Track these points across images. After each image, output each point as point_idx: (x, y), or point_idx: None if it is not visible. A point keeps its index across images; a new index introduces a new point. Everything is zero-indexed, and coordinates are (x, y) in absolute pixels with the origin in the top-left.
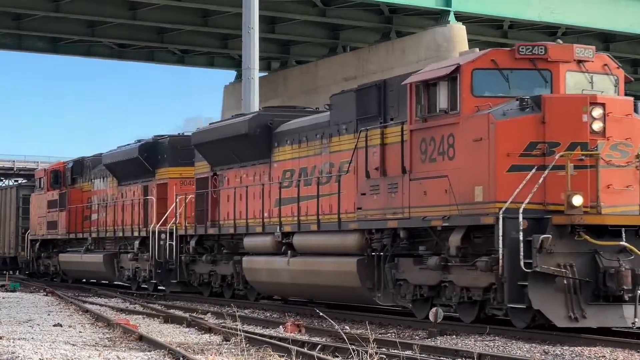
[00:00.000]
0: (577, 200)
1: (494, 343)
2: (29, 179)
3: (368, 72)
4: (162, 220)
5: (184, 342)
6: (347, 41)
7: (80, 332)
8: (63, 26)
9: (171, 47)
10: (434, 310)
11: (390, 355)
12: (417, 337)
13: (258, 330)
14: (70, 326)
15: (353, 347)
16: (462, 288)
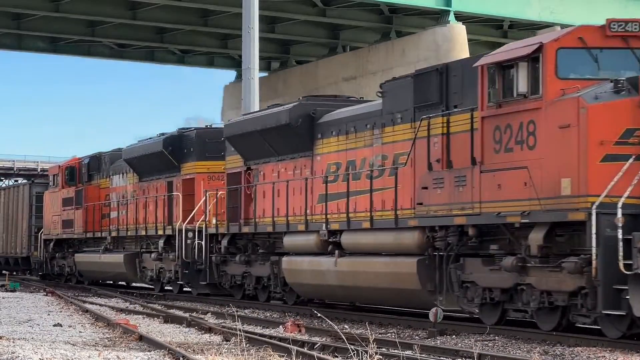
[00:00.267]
0: None
1: (494, 343)
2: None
3: (368, 72)
4: (189, 218)
5: (184, 342)
6: (347, 41)
7: (80, 332)
8: (63, 26)
9: (171, 47)
10: (434, 310)
11: (390, 355)
12: (417, 337)
13: (258, 330)
14: (70, 326)
15: (353, 347)
16: (542, 292)
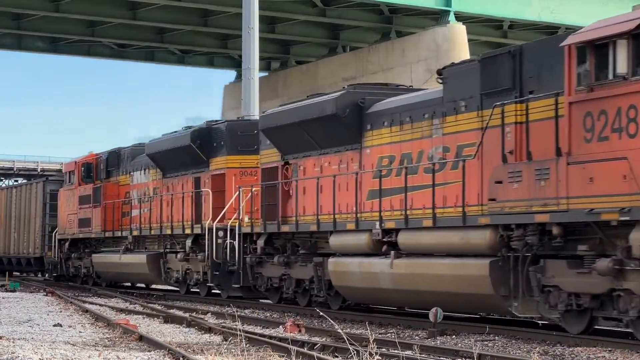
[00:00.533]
0: None
1: (494, 343)
2: (29, 179)
3: (368, 72)
4: (220, 216)
5: (184, 342)
6: (347, 41)
7: (80, 332)
8: (63, 26)
9: (171, 47)
10: (434, 310)
11: (390, 355)
12: (417, 337)
13: (258, 330)
14: (70, 326)
15: (353, 347)
16: None
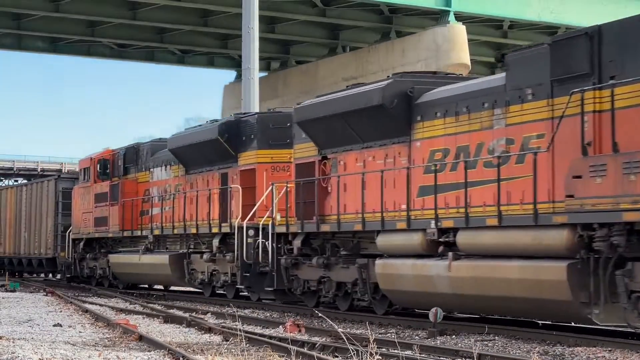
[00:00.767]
0: None
1: (494, 343)
2: (29, 179)
3: (368, 72)
4: (250, 215)
5: (184, 342)
6: (347, 41)
7: (80, 332)
8: (63, 26)
9: (171, 47)
10: (433, 310)
11: (390, 355)
12: (417, 337)
13: (258, 330)
14: (70, 326)
15: (353, 347)
16: None
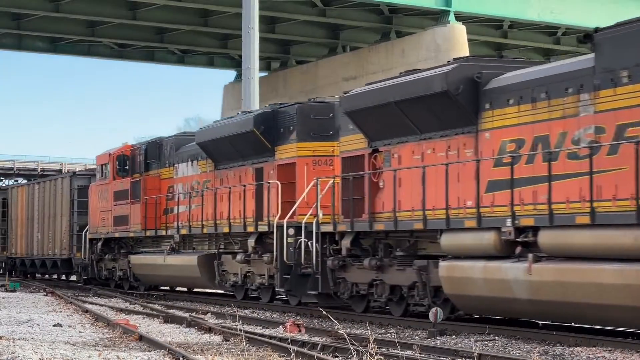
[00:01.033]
0: None
1: (494, 343)
2: (29, 179)
3: (368, 72)
4: (291, 212)
5: (184, 342)
6: (347, 41)
7: (80, 332)
8: (63, 26)
9: (171, 47)
10: (434, 310)
11: (390, 355)
12: (417, 337)
13: (258, 330)
14: (70, 326)
15: (353, 347)
16: None
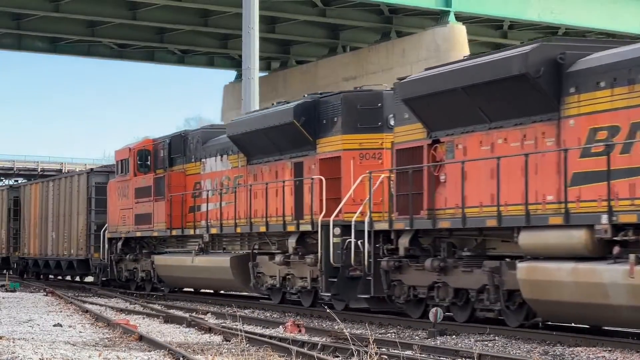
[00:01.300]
0: None
1: (494, 343)
2: (29, 179)
3: (368, 72)
4: (337, 210)
5: (184, 342)
6: (347, 41)
7: (80, 332)
8: (63, 26)
9: (171, 47)
10: (434, 310)
11: (391, 356)
12: (417, 337)
13: (258, 330)
14: (70, 326)
15: (353, 347)
16: None
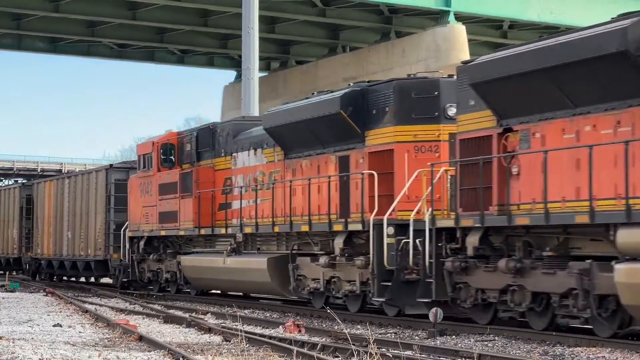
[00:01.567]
0: None
1: (494, 343)
2: (29, 179)
3: (368, 72)
4: (392, 208)
5: (184, 342)
6: (347, 41)
7: (80, 332)
8: (63, 26)
9: (171, 47)
10: (434, 310)
11: (391, 356)
12: (417, 338)
13: (258, 330)
14: (70, 326)
15: (353, 347)
16: None
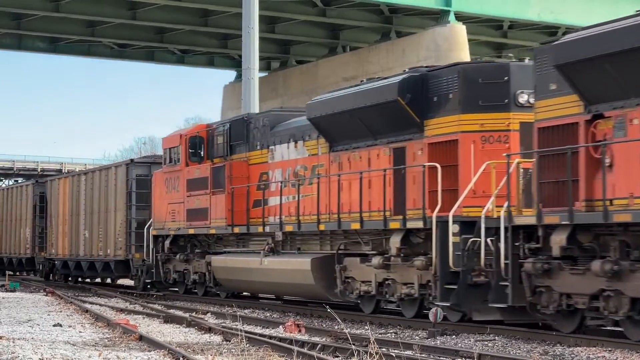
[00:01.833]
0: None
1: (494, 343)
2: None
3: (368, 72)
4: (458, 204)
5: (184, 342)
6: (347, 41)
7: (80, 332)
8: (63, 26)
9: (171, 47)
10: (434, 310)
11: (391, 355)
12: (417, 337)
13: (258, 330)
14: (70, 326)
15: (354, 347)
16: None
